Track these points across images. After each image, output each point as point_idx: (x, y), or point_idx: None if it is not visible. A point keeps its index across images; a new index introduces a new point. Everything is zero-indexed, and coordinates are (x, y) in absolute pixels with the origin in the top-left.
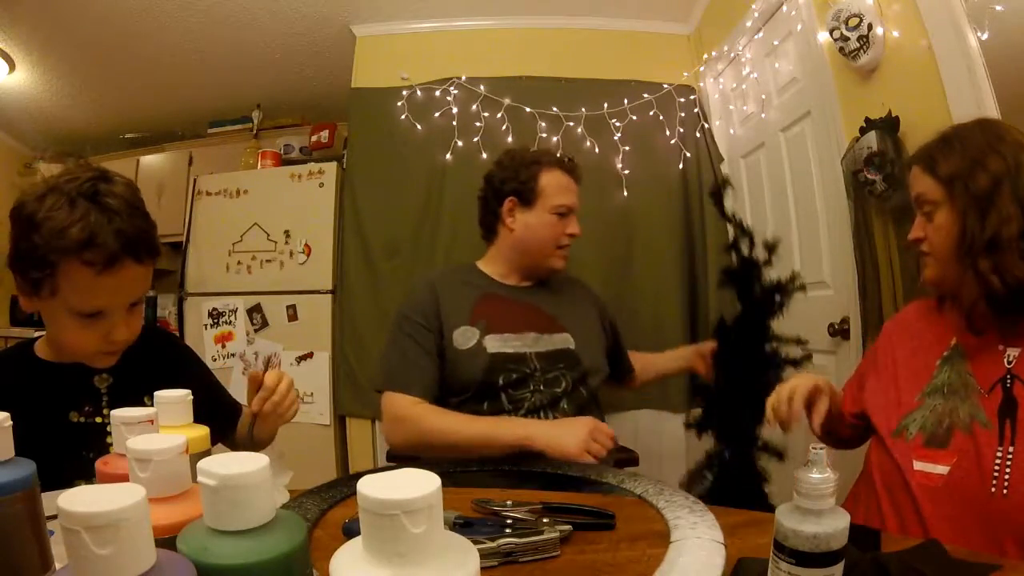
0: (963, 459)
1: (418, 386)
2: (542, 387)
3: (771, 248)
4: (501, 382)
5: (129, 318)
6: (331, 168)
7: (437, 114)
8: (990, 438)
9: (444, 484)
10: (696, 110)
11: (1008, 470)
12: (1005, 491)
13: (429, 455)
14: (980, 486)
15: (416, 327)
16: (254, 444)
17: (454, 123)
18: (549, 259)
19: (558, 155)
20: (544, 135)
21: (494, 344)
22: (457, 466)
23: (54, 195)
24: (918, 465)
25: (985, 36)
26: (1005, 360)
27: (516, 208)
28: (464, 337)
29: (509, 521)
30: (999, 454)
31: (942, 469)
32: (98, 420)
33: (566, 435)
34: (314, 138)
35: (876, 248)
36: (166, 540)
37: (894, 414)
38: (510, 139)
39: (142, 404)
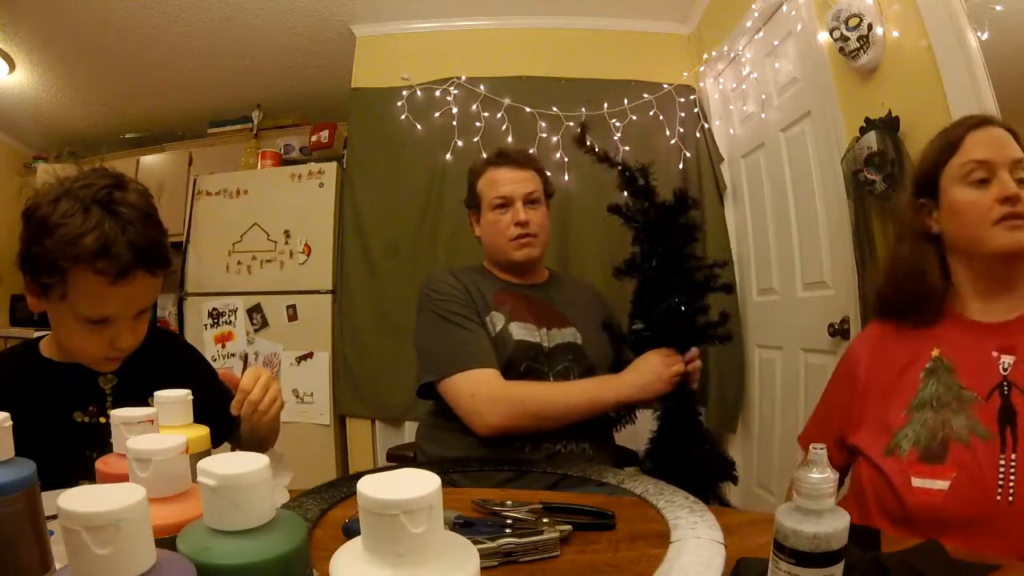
0: (964, 472)
1: (490, 360)
2: (551, 378)
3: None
4: (522, 369)
5: (135, 325)
6: (331, 168)
7: (437, 114)
8: (990, 447)
9: (444, 484)
10: (696, 110)
11: (1013, 477)
12: (1011, 498)
13: (531, 430)
14: (984, 497)
15: (463, 307)
16: (254, 443)
17: (454, 123)
18: (507, 253)
19: (493, 153)
20: (544, 135)
21: (518, 331)
22: (457, 466)
23: (68, 200)
24: (916, 482)
25: (985, 36)
26: (1000, 367)
27: (476, 218)
28: (492, 323)
29: (509, 521)
30: (1002, 462)
31: (943, 484)
32: (102, 420)
33: (651, 383)
34: (314, 138)
35: (876, 248)
36: (166, 540)
37: (883, 433)
38: (510, 139)
39: (146, 405)
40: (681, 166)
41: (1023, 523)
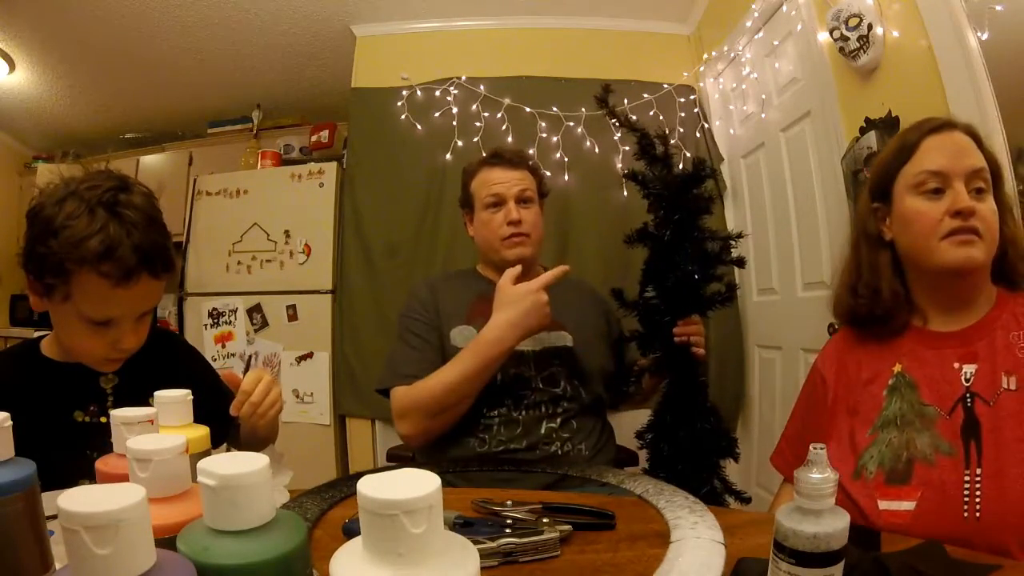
0: (929, 491)
1: (422, 376)
2: (540, 385)
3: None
4: (499, 380)
5: (138, 326)
6: (331, 168)
7: (437, 114)
8: (955, 464)
9: (444, 484)
10: (696, 110)
11: (979, 493)
12: (978, 514)
13: (445, 426)
14: (951, 514)
15: (417, 324)
16: (253, 444)
17: (454, 123)
18: (500, 253)
19: (488, 153)
20: (544, 135)
21: None
22: (457, 466)
23: (74, 201)
24: (883, 504)
25: (985, 36)
26: (962, 378)
27: (468, 218)
28: (462, 336)
29: (509, 521)
30: (967, 478)
31: (908, 505)
32: (103, 420)
33: (521, 315)
34: (314, 138)
35: None
36: (166, 540)
37: (849, 454)
38: (510, 139)
39: (147, 405)
40: (681, 166)
41: (992, 538)
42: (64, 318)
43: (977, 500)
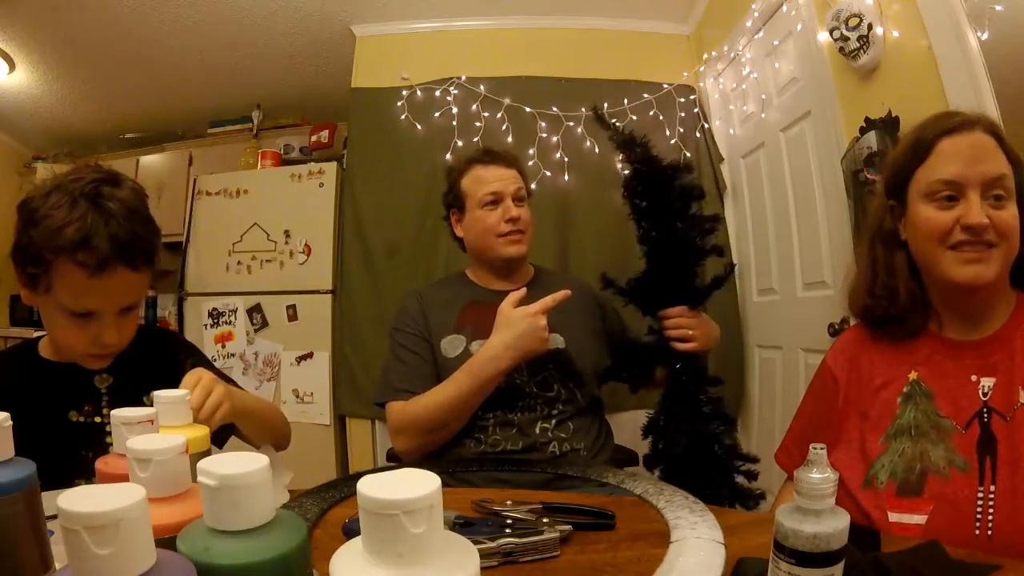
0: (941, 505)
1: (417, 389)
2: (534, 389)
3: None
4: (495, 385)
5: (121, 322)
6: (331, 168)
7: (437, 114)
8: (969, 480)
9: (444, 484)
10: (696, 110)
11: (991, 511)
12: (990, 532)
13: (441, 442)
14: (962, 531)
15: (407, 337)
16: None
17: (454, 123)
18: (496, 250)
19: (477, 152)
20: (544, 135)
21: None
22: (457, 466)
23: (58, 193)
24: (893, 516)
25: (985, 36)
26: (980, 392)
27: (458, 218)
28: (452, 346)
29: (509, 521)
30: (980, 495)
31: (919, 519)
32: (97, 420)
33: (519, 337)
34: (314, 138)
35: None
36: (166, 540)
37: (860, 461)
38: (510, 139)
39: (141, 404)
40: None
41: (1002, 557)
42: (49, 311)
43: (990, 518)
